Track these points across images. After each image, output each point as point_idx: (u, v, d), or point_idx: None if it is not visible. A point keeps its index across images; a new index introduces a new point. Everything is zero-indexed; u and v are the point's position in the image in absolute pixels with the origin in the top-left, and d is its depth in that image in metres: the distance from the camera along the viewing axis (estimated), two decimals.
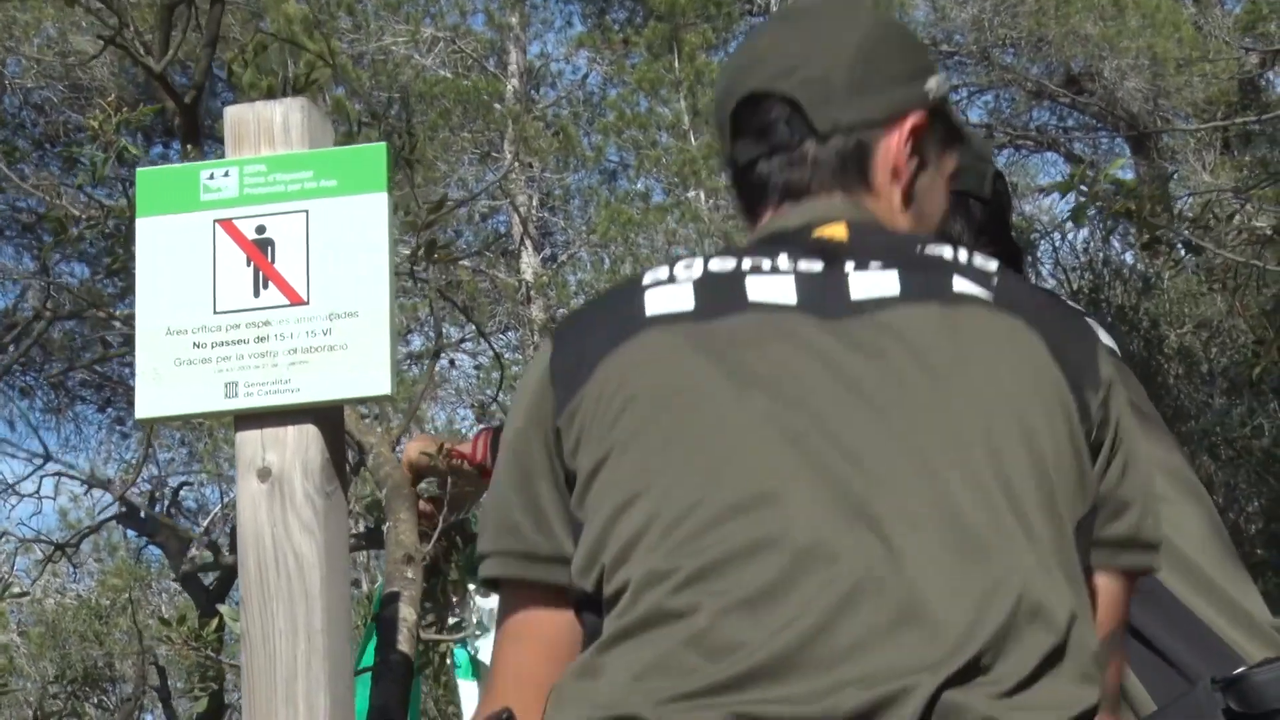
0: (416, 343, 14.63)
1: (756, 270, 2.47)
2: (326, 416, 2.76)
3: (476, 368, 15.17)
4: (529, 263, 15.49)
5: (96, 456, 16.70)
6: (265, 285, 2.74)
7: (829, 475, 2.24)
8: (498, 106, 15.40)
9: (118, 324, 9.19)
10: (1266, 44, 12.29)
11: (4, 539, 13.55)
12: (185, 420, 2.90)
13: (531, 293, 14.87)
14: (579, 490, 2.36)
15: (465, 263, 15.25)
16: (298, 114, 2.81)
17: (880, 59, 2.65)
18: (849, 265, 2.46)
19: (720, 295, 2.44)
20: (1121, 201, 7.86)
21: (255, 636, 2.71)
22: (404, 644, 3.15)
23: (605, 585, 2.28)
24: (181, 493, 14.01)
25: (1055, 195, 13.40)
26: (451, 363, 14.87)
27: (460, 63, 16.22)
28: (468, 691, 3.52)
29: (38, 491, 12.26)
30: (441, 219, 4.05)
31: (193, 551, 6.08)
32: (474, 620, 3.49)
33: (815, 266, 2.47)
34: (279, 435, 2.74)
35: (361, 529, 3.94)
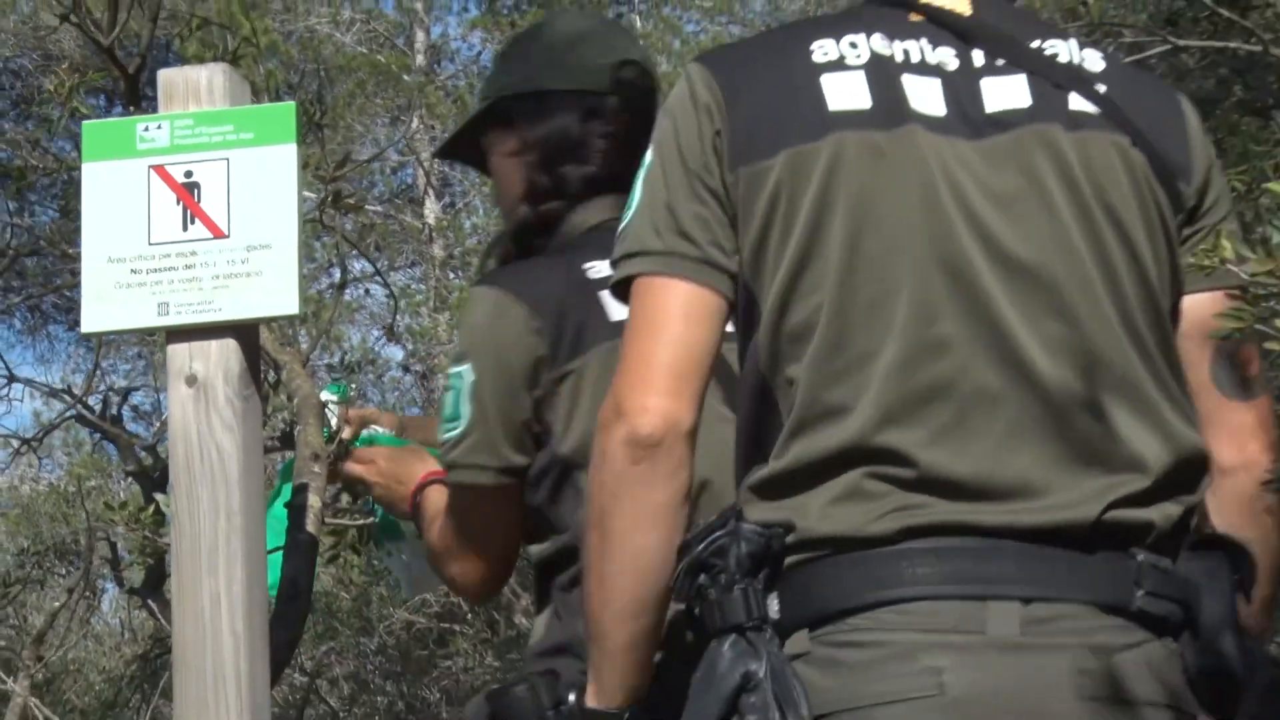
0: (337, 276, 14.58)
1: (908, 64, 2.37)
2: (244, 332, 2.75)
3: (388, 296, 15.09)
4: (431, 209, 15.41)
5: (66, 367, 16.64)
6: (192, 221, 2.73)
7: (988, 318, 2.24)
8: (405, 78, 15.32)
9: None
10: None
11: None
12: (124, 334, 2.87)
13: (433, 234, 14.81)
14: (750, 260, 2.34)
15: (378, 208, 15.21)
16: (220, 77, 2.80)
17: None
18: (978, 58, 2.38)
19: (888, 96, 2.34)
20: None
21: (183, 517, 2.71)
22: (311, 526, 3.14)
23: (776, 385, 2.31)
24: (139, 398, 13.95)
25: None
26: (366, 291, 14.79)
27: (374, 40, 16.16)
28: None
29: (7, 395, 12.19)
30: (345, 174, 4.01)
31: (141, 450, 6.05)
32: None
33: (951, 61, 2.38)
34: (204, 348, 2.72)
35: (279, 434, 3.91)
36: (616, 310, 2.64)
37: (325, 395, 3.35)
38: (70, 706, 6.53)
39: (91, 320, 2.76)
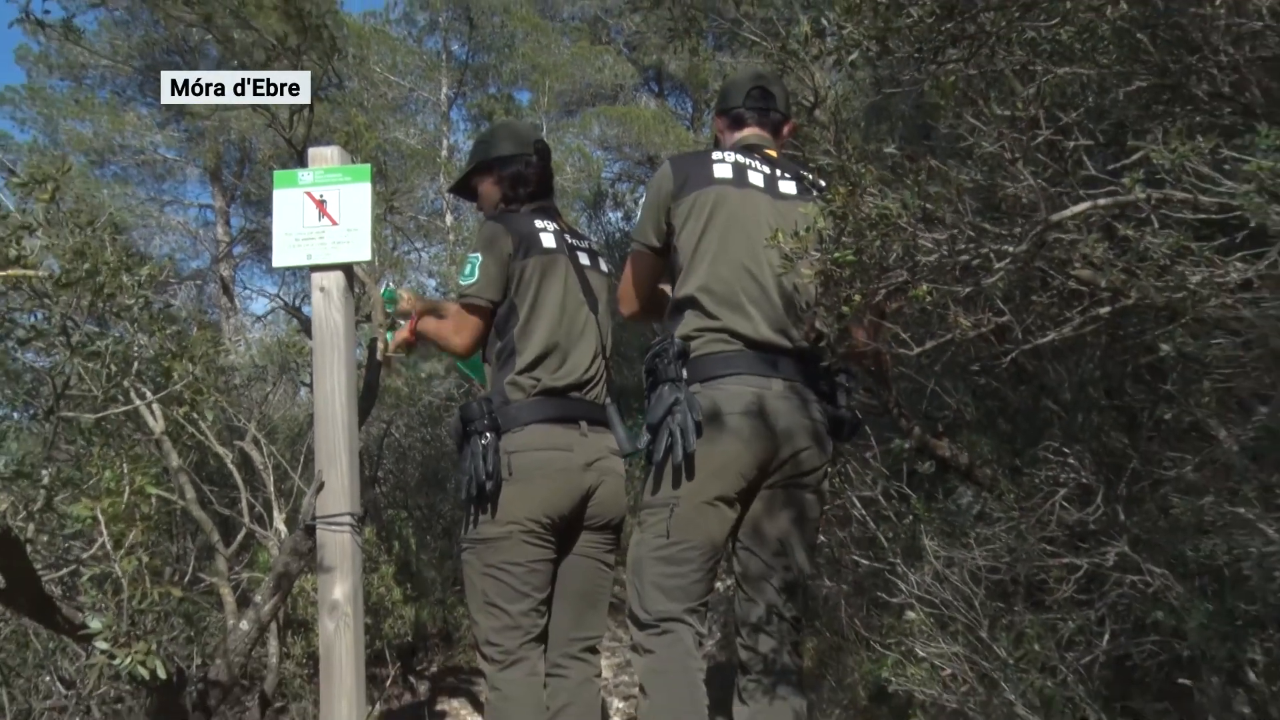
0: (403, 248, 14.26)
1: (750, 167, 2.47)
2: (346, 267, 2.62)
3: (429, 256, 14.77)
4: (449, 218, 15.05)
5: (287, 288, 16.18)
6: (322, 216, 2.59)
7: (755, 278, 2.40)
8: (437, 160, 14.91)
9: None
10: None
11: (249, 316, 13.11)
12: (293, 269, 2.70)
13: (450, 230, 14.47)
14: (676, 235, 2.45)
15: (424, 217, 14.81)
16: (336, 152, 2.65)
17: (785, 93, 2.63)
18: (779, 172, 2.49)
19: (741, 175, 2.45)
20: None
21: (319, 352, 2.61)
22: (379, 356, 3.02)
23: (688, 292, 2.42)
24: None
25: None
26: (417, 254, 14.41)
27: (423, 142, 15.70)
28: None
29: (250, 296, 11.70)
30: (395, 197, 3.85)
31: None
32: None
33: (767, 170, 2.48)
34: (329, 275, 2.60)
35: (365, 315, 3.75)
36: (546, 241, 2.66)
37: (382, 295, 3.24)
38: (281, 435, 6.28)
39: (279, 260, 2.62)
